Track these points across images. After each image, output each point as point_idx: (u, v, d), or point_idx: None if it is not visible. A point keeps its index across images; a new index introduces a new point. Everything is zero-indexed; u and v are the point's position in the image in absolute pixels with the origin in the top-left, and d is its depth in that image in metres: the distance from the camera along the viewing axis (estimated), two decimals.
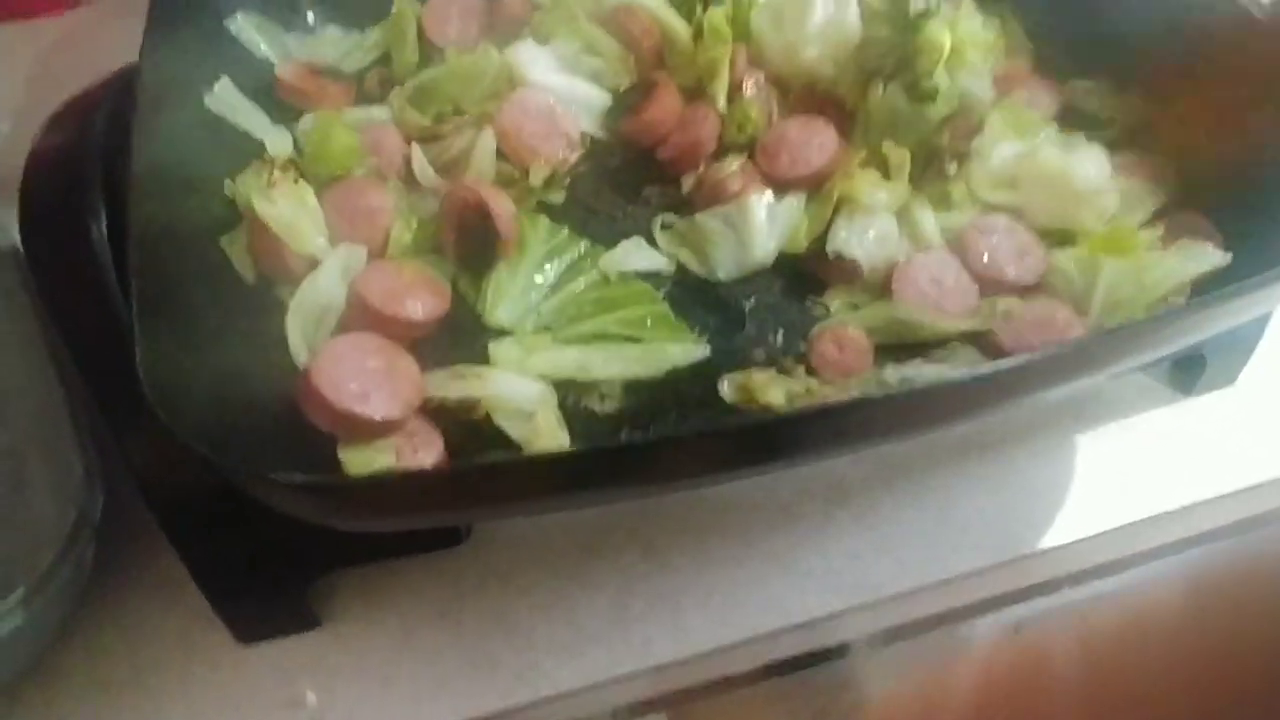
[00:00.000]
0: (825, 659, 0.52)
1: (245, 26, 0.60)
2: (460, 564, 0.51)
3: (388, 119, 0.58)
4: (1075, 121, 0.59)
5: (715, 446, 0.40)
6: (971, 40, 0.54)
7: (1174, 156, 0.55)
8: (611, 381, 0.49)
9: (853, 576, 0.51)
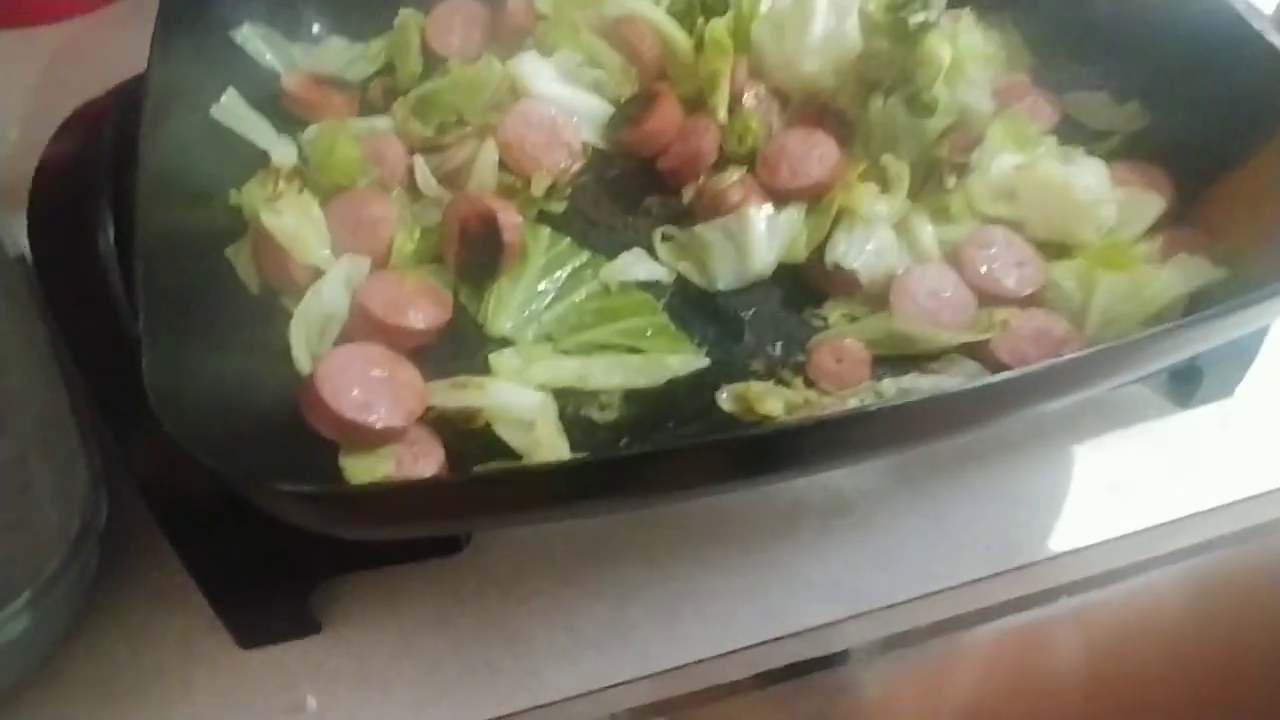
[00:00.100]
0: (824, 666, 0.52)
1: (251, 37, 0.60)
2: (460, 571, 0.52)
3: (391, 129, 0.58)
4: (1074, 133, 0.59)
5: (714, 458, 0.40)
6: (971, 53, 0.54)
7: (1173, 170, 0.56)
8: (611, 391, 0.50)
9: (851, 586, 0.52)
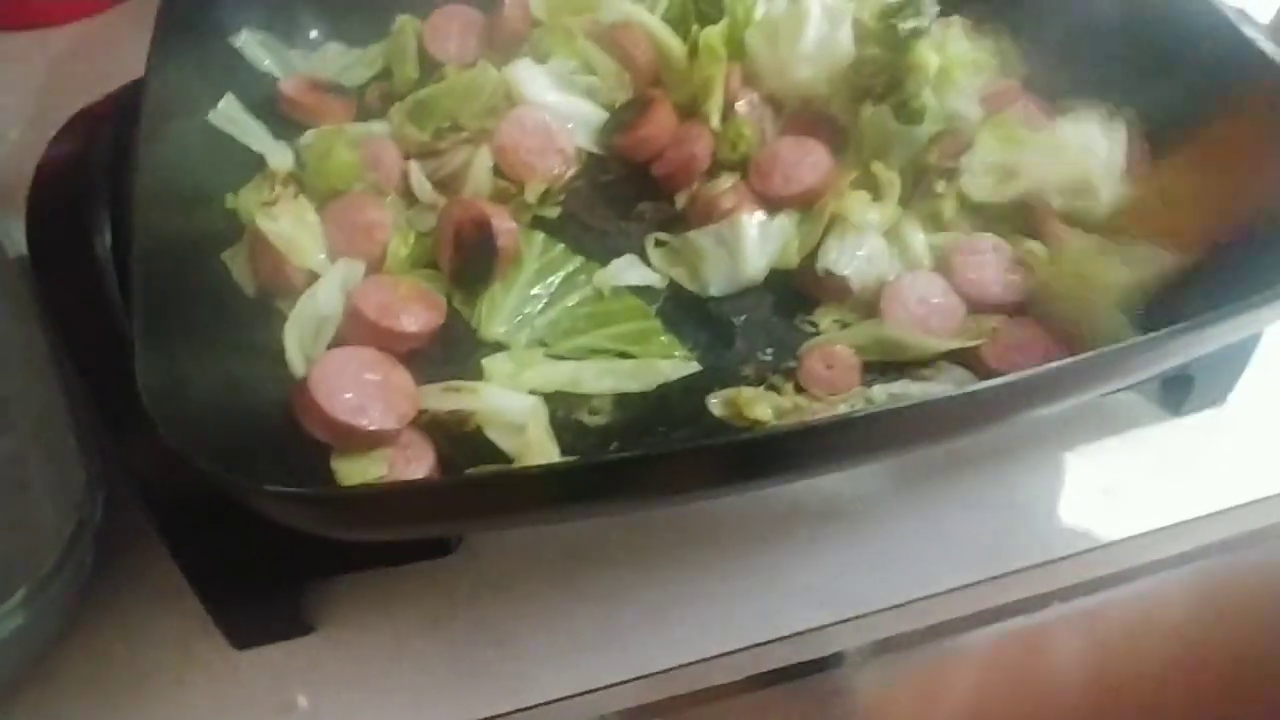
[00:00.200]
0: (818, 669, 0.52)
1: (250, 42, 0.60)
2: (453, 573, 0.52)
3: (387, 134, 0.58)
4: None
5: (703, 462, 0.40)
6: (960, 60, 0.54)
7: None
8: (602, 396, 0.50)
9: (844, 590, 0.52)
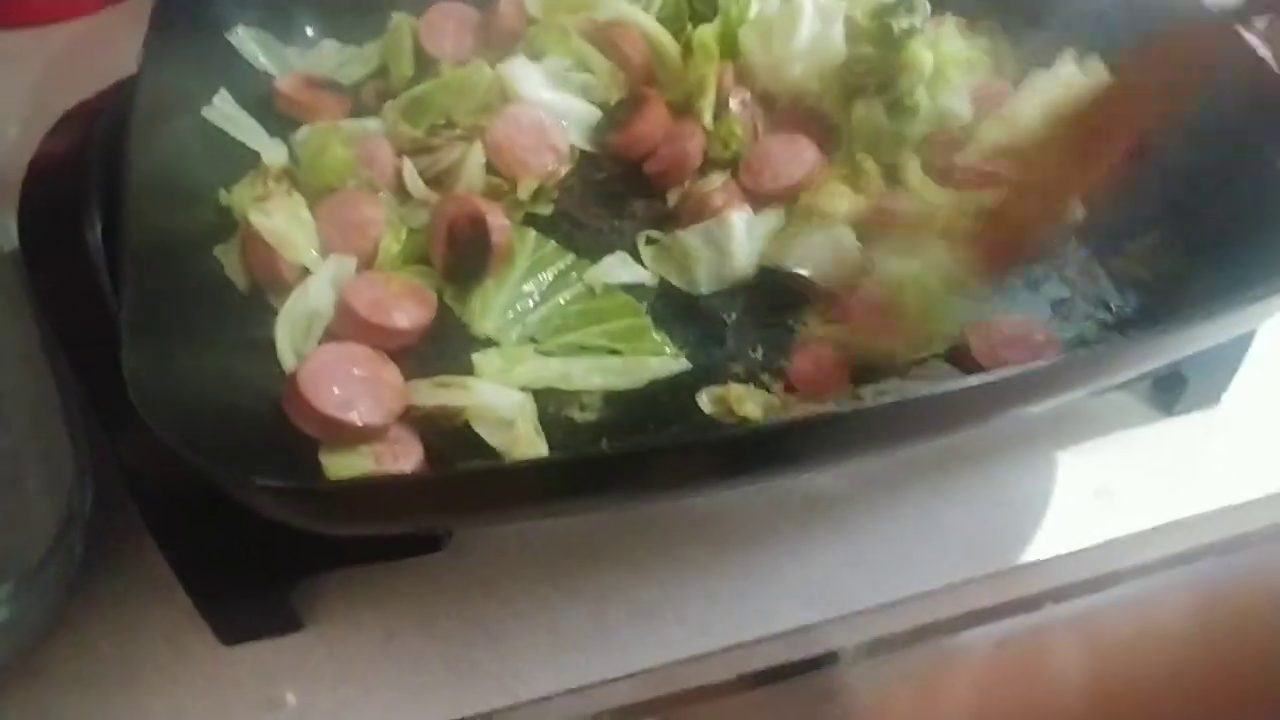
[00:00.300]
0: (810, 668, 0.52)
1: (245, 39, 0.60)
2: (442, 570, 0.52)
3: (381, 131, 0.59)
4: None
5: (692, 458, 0.40)
6: (953, 59, 0.55)
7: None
8: (592, 392, 0.50)
9: (830, 588, 0.52)
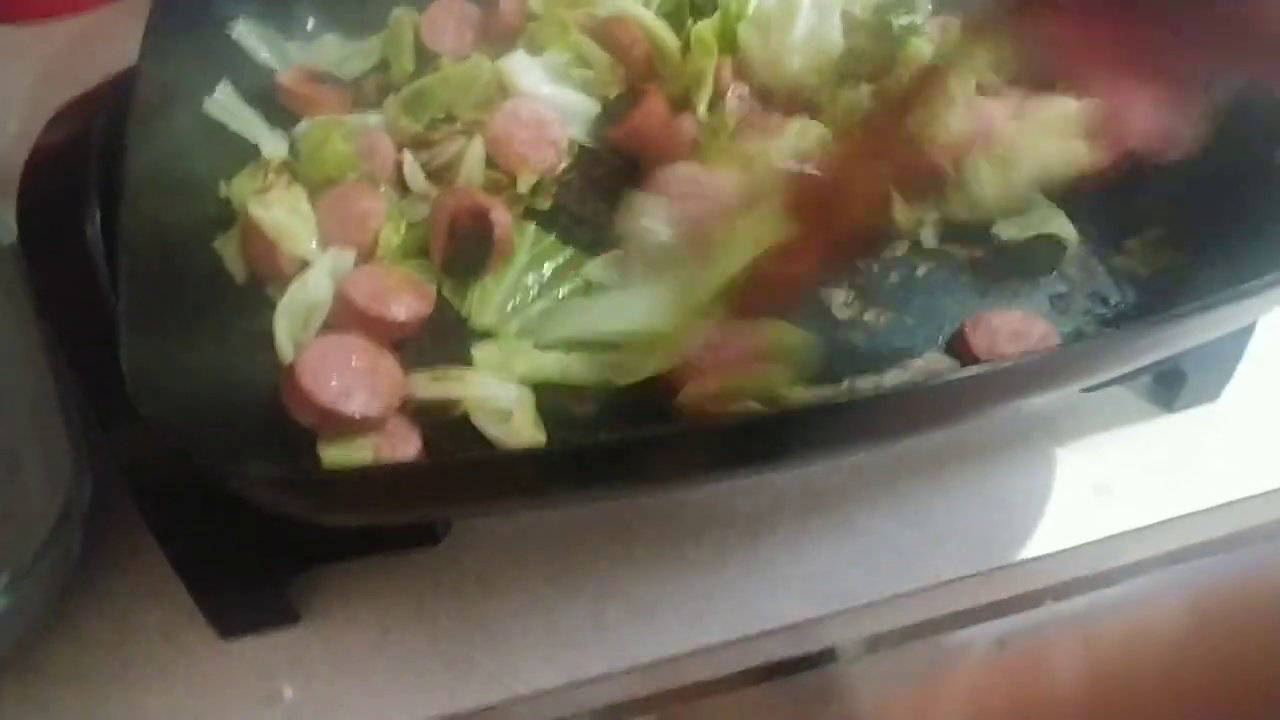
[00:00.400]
0: (808, 665, 0.52)
1: (246, 32, 0.60)
2: (439, 565, 0.52)
3: (382, 125, 0.58)
4: None
5: (685, 448, 0.40)
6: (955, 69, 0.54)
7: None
8: (590, 386, 0.50)
9: (827, 584, 0.52)
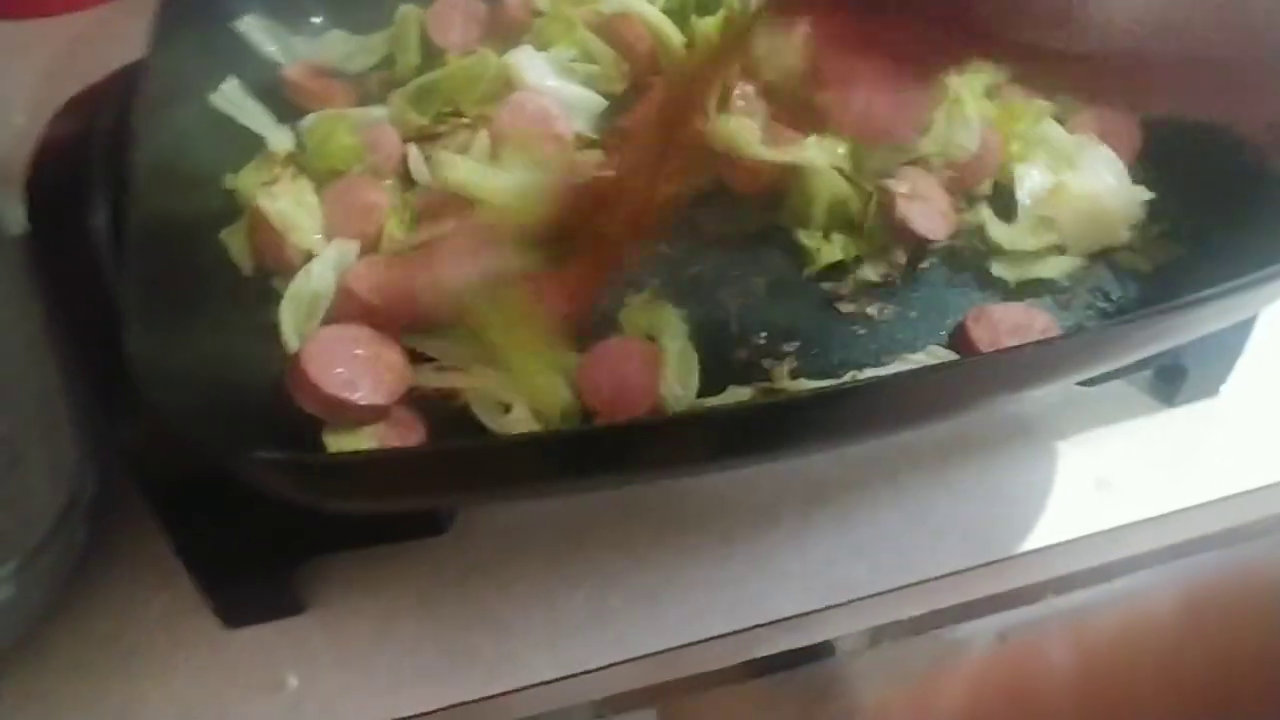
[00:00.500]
0: (810, 658, 0.52)
1: (253, 27, 0.61)
2: (443, 555, 0.52)
3: (387, 119, 0.59)
4: None
5: (688, 434, 0.40)
6: (973, 91, 0.55)
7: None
8: None
9: (830, 577, 0.52)
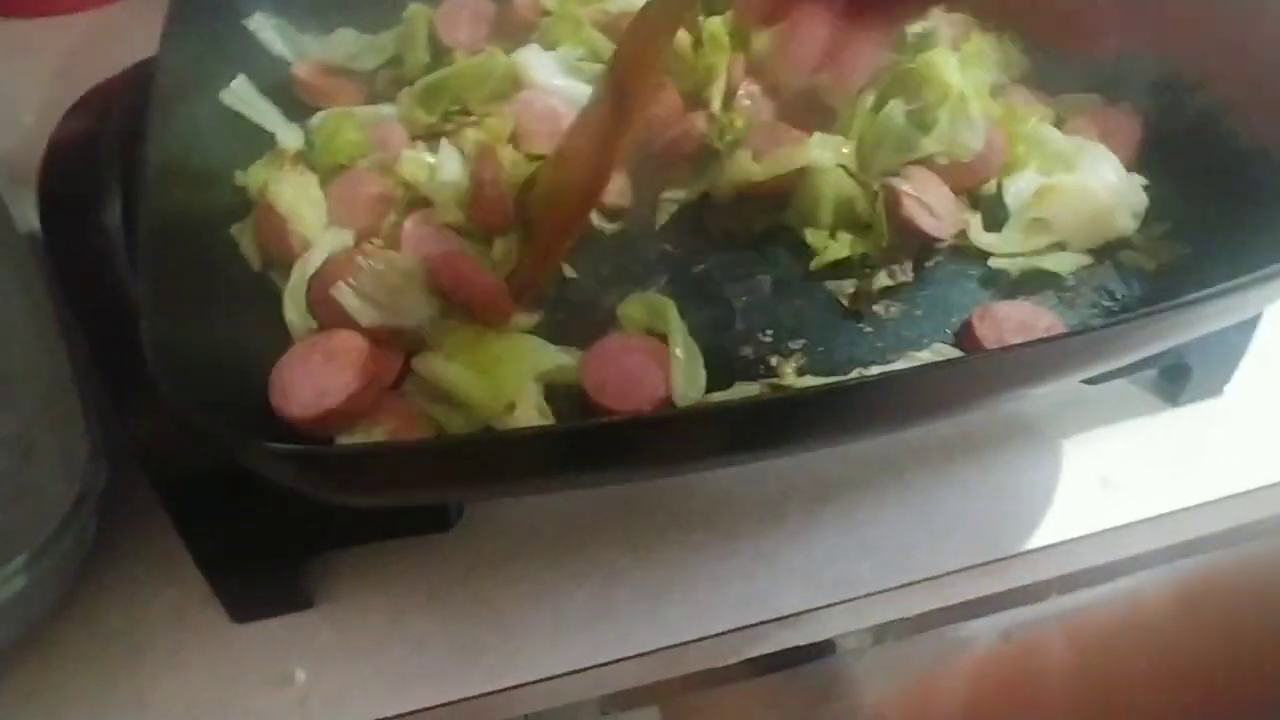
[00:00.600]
0: (814, 655, 0.52)
1: (263, 25, 0.61)
2: (450, 551, 0.53)
3: (395, 117, 0.59)
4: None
5: (694, 429, 0.41)
6: (978, 90, 0.55)
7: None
8: None
9: (834, 574, 0.52)
